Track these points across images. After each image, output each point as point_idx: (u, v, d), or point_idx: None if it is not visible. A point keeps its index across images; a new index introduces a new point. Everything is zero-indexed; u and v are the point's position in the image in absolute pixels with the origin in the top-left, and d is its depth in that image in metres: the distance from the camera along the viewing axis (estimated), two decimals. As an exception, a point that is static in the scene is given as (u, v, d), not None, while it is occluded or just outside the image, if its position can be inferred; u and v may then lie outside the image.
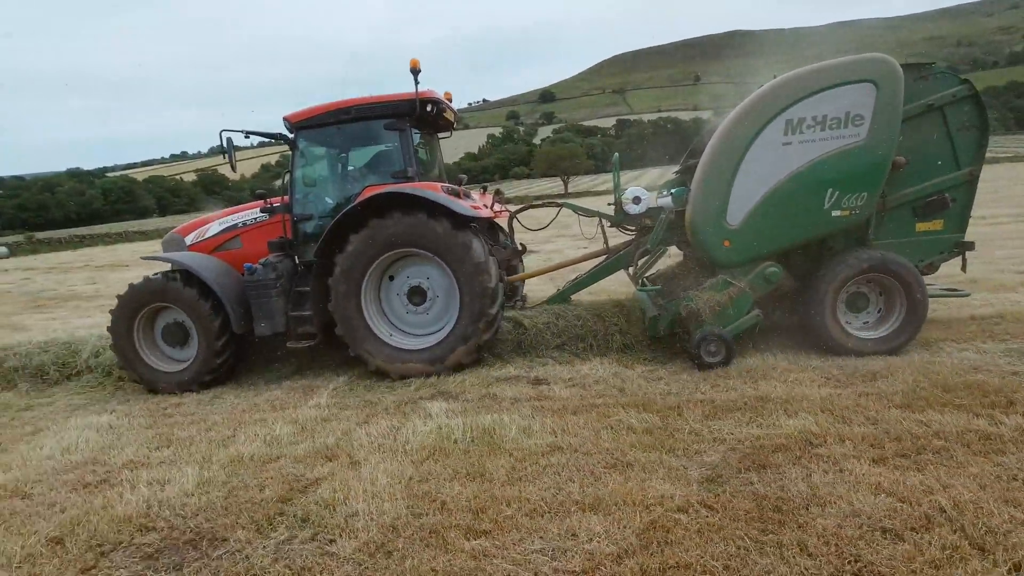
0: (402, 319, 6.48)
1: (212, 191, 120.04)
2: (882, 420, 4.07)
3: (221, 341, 6.26)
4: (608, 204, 6.96)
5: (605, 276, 7.12)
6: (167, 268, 6.80)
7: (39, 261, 38.40)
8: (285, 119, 6.58)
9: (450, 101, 6.86)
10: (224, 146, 6.10)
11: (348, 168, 6.95)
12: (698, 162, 5.89)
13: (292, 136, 6.58)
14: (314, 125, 6.48)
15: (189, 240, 7.00)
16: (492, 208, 7.11)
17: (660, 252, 7.21)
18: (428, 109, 6.30)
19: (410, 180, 6.23)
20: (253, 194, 7.19)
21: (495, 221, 7.44)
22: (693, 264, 6.92)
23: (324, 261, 6.22)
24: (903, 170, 5.58)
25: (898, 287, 5.64)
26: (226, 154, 6.18)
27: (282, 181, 6.82)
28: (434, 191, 5.96)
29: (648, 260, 7.21)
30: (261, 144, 6.90)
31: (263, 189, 6.98)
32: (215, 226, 7.01)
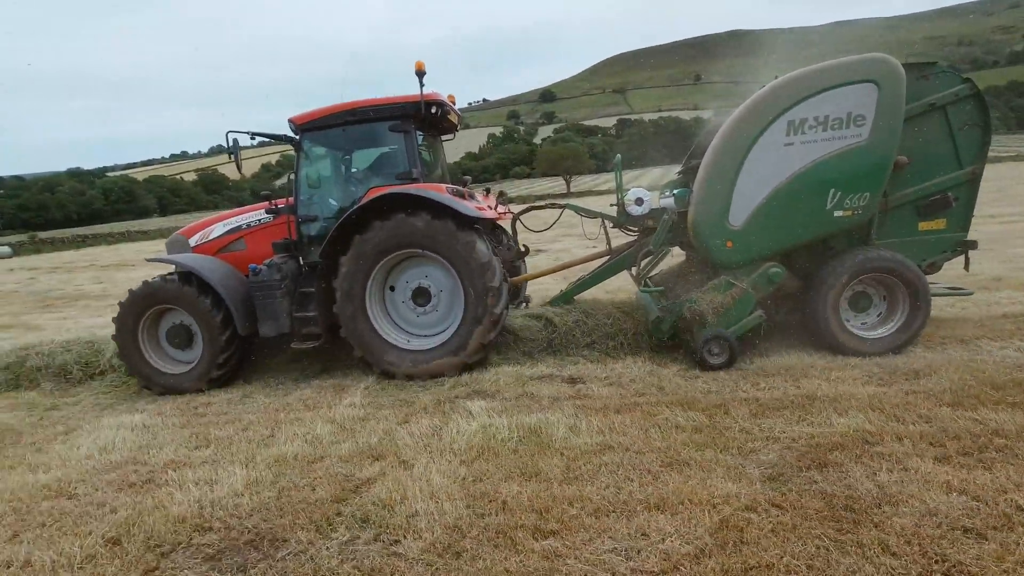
0: (409, 321, 6.49)
1: (213, 191, 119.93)
2: (936, 418, 4.03)
3: (225, 342, 6.25)
4: (611, 205, 6.98)
5: (608, 277, 7.15)
6: (171, 269, 6.81)
7: (43, 261, 38.35)
8: (290, 121, 6.58)
9: (454, 103, 6.88)
10: (230, 147, 6.12)
11: (352, 170, 6.95)
12: (700, 163, 5.89)
13: (297, 138, 6.58)
14: (319, 127, 6.47)
15: (193, 242, 7.00)
16: (496, 209, 7.11)
17: (663, 253, 7.23)
18: (433, 111, 6.30)
19: (414, 181, 6.23)
20: (258, 195, 7.19)
21: (498, 223, 7.45)
22: (696, 265, 6.89)
23: (329, 262, 6.23)
24: (905, 169, 5.56)
25: (900, 287, 5.62)
26: (232, 155, 6.20)
27: (288, 180, 6.83)
28: (439, 192, 5.97)
29: (651, 261, 7.23)
30: (261, 144, 6.87)
31: (268, 190, 6.95)
32: (219, 228, 7.02)
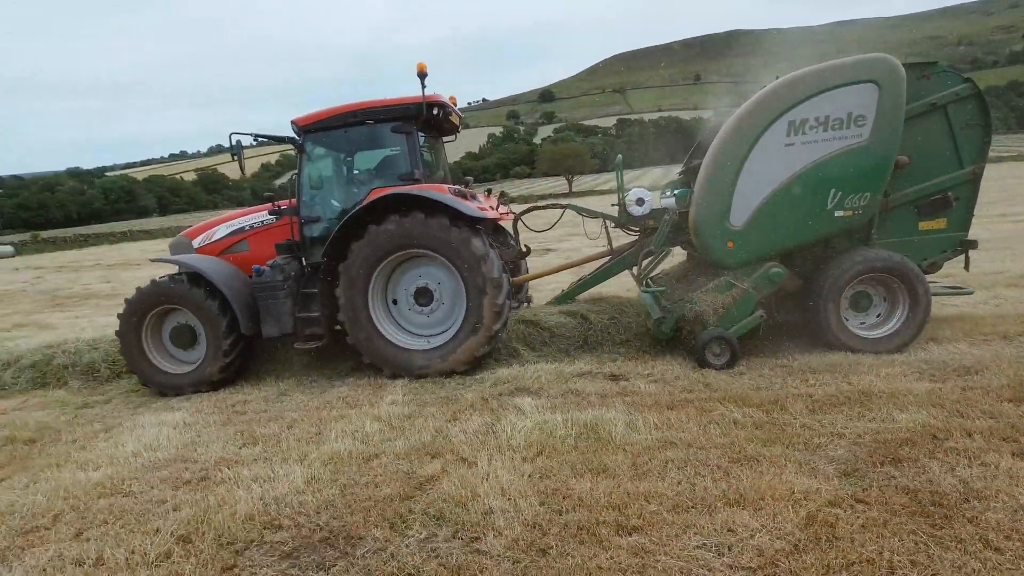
0: (412, 322, 6.50)
1: (213, 190, 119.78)
2: (1000, 414, 3.99)
3: (229, 342, 6.27)
4: (612, 205, 6.98)
5: (610, 277, 7.20)
6: (174, 270, 6.80)
7: (46, 260, 38.27)
8: (293, 123, 6.62)
9: (455, 104, 6.91)
10: (233, 148, 6.19)
11: (355, 171, 6.98)
12: (701, 163, 5.89)
13: (299, 139, 6.61)
14: (321, 128, 6.50)
15: (197, 243, 7.04)
16: (497, 210, 7.13)
17: (664, 253, 7.28)
18: (435, 113, 6.33)
19: (417, 182, 6.25)
20: (258, 195, 7.22)
21: (499, 223, 7.47)
22: (697, 265, 6.89)
23: (332, 263, 6.25)
24: (906, 169, 5.55)
25: (901, 286, 5.62)
26: (235, 155, 6.26)
27: (288, 179, 6.89)
28: (441, 192, 6.00)
29: (652, 261, 7.28)
30: (261, 143, 6.91)
31: (270, 191, 7.00)
32: (222, 229, 7.07)
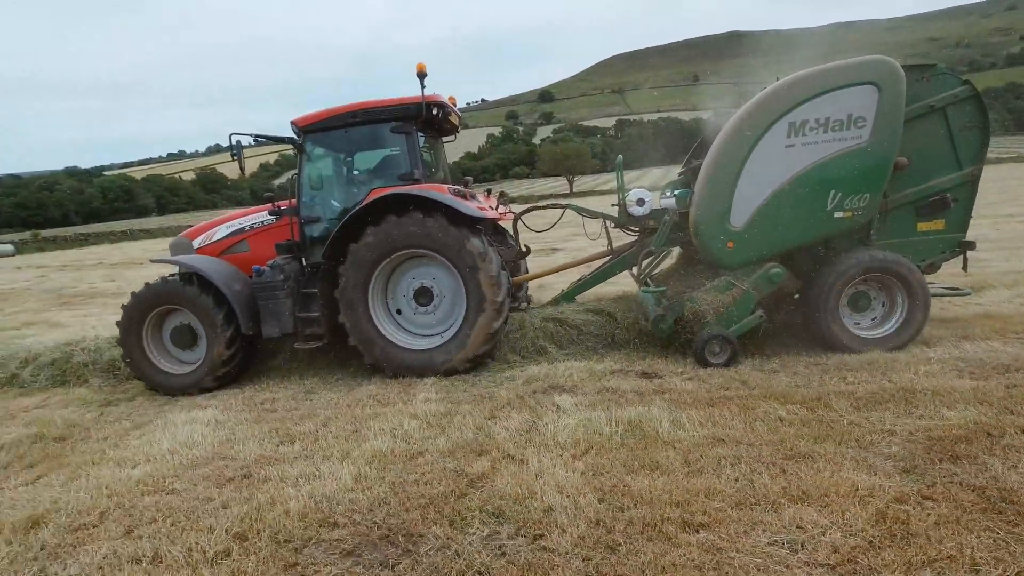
0: (412, 322, 6.50)
1: (211, 190, 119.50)
2: (1051, 411, 3.97)
3: (229, 342, 6.24)
4: (612, 205, 6.97)
5: (609, 276, 7.20)
6: (174, 271, 6.76)
7: (48, 259, 38.11)
8: (293, 123, 6.60)
9: (454, 105, 6.90)
10: (234, 148, 6.20)
11: (355, 171, 6.97)
12: (701, 164, 5.90)
13: (299, 140, 6.59)
14: (321, 129, 6.48)
15: (197, 243, 7.02)
16: (496, 210, 7.12)
17: (664, 253, 7.26)
18: (434, 113, 6.32)
19: (416, 182, 6.24)
20: (257, 194, 7.21)
21: (498, 223, 7.47)
22: (696, 265, 6.90)
23: (332, 263, 6.24)
24: (905, 171, 5.57)
25: (899, 287, 5.64)
26: (235, 156, 6.27)
27: (287, 179, 6.89)
28: (440, 192, 6.00)
29: (652, 261, 7.27)
30: (259, 144, 6.90)
31: (270, 192, 6.99)
32: (222, 229, 7.06)
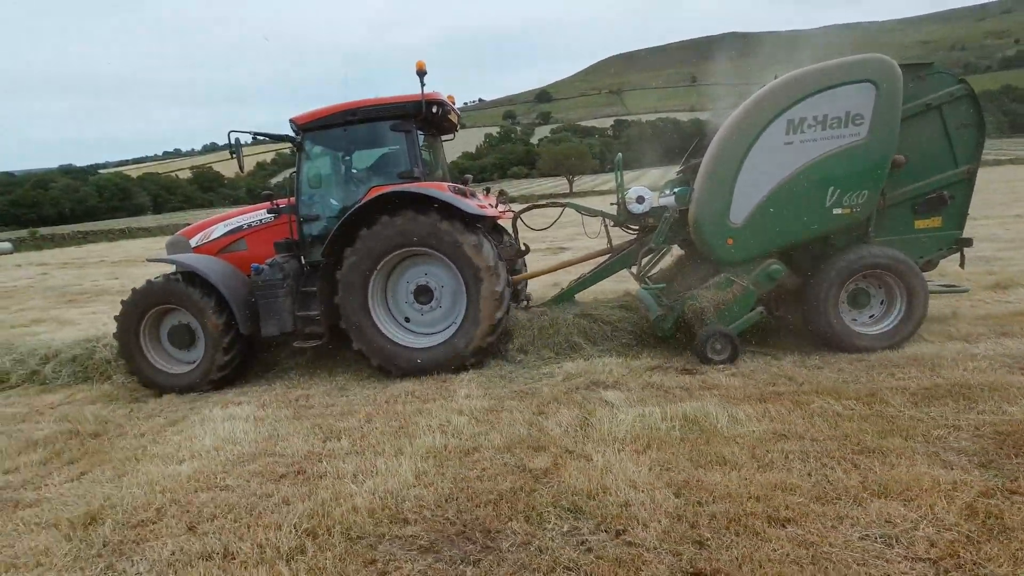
0: (411, 319, 6.48)
1: (208, 188, 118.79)
2: (1115, 407, 3.95)
3: (228, 342, 6.19)
4: (611, 204, 6.99)
5: (609, 275, 7.23)
6: (172, 269, 6.70)
7: (47, 257, 37.77)
8: (291, 121, 6.55)
9: (453, 103, 6.88)
10: (233, 146, 6.16)
11: (354, 169, 6.93)
12: (700, 162, 5.94)
13: (298, 138, 6.55)
14: (320, 127, 6.44)
15: (194, 242, 6.96)
16: (496, 208, 7.11)
17: (664, 251, 7.27)
18: (434, 111, 6.30)
19: (416, 180, 6.21)
20: (254, 193, 7.13)
21: (498, 222, 7.45)
22: (696, 262, 6.91)
23: (331, 261, 6.21)
24: (902, 168, 5.60)
25: (898, 283, 5.67)
26: (235, 154, 6.24)
27: (284, 178, 6.83)
28: (441, 190, 5.94)
29: (652, 259, 7.28)
30: (256, 142, 6.84)
31: (269, 190, 6.95)
32: (220, 228, 7.00)
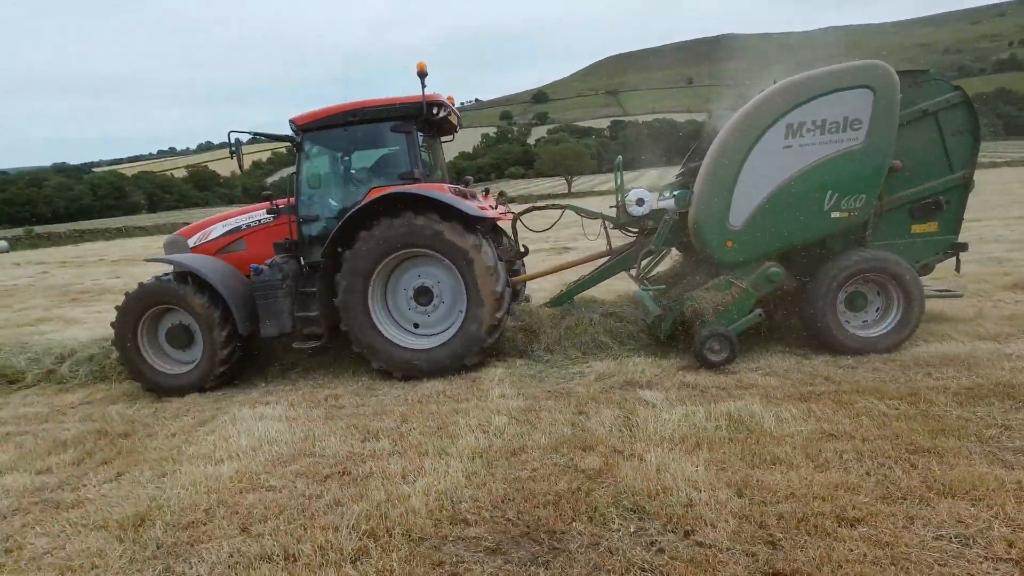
0: (411, 320, 6.46)
1: (204, 187, 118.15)
2: None
3: (226, 342, 6.16)
4: (610, 207, 7.01)
5: (608, 276, 7.27)
6: (170, 269, 6.65)
7: (45, 255, 37.48)
8: (291, 121, 6.55)
9: (453, 104, 6.88)
10: (232, 146, 6.20)
11: (353, 170, 6.92)
12: (700, 165, 5.97)
13: (298, 138, 6.54)
14: (320, 127, 6.44)
15: (192, 242, 6.92)
16: (496, 209, 7.10)
17: (663, 253, 7.30)
18: (434, 112, 6.31)
19: (416, 181, 6.21)
20: (250, 192, 7.07)
21: (496, 223, 7.44)
22: (694, 265, 6.95)
23: (331, 262, 6.20)
24: (899, 173, 5.66)
25: (895, 286, 5.72)
26: (234, 154, 6.25)
27: (280, 177, 6.79)
28: (441, 192, 5.97)
29: (651, 260, 7.32)
30: (252, 141, 6.91)
31: (268, 190, 6.93)
32: (219, 228, 6.97)
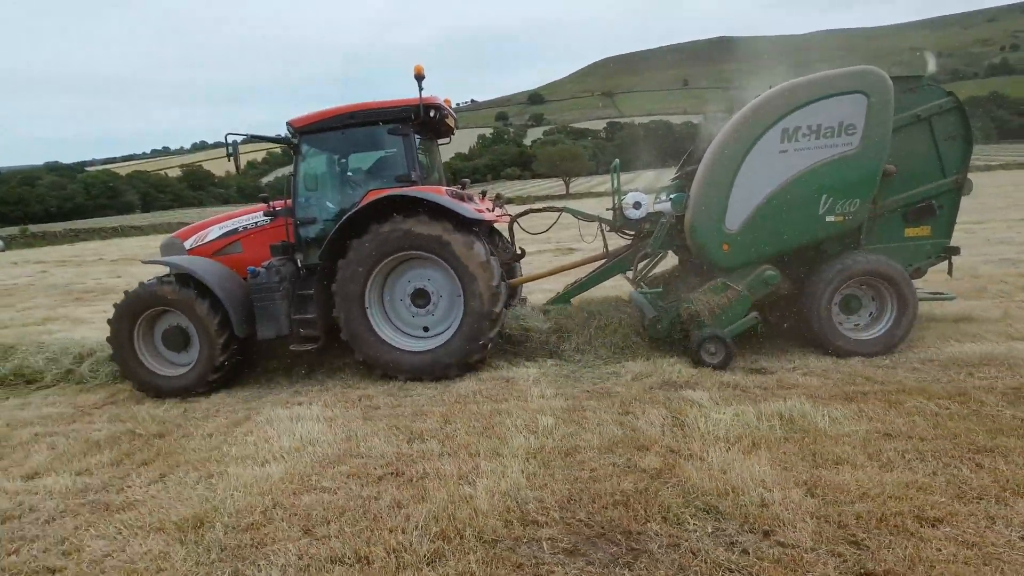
0: (409, 323, 6.45)
1: (198, 187, 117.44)
2: None
3: (223, 345, 6.13)
4: (607, 209, 7.04)
5: (605, 279, 7.30)
6: (166, 271, 6.60)
7: (42, 255, 37.11)
8: (289, 123, 6.54)
9: (449, 107, 6.89)
10: (229, 147, 6.19)
11: (350, 172, 6.91)
12: (696, 168, 6.01)
13: (295, 140, 6.52)
14: (317, 130, 6.43)
15: (189, 244, 6.89)
16: (493, 212, 7.10)
17: (659, 256, 7.35)
18: (431, 115, 6.31)
19: (413, 184, 6.21)
20: (247, 194, 7.00)
21: (493, 225, 7.45)
22: (690, 268, 6.98)
23: (328, 264, 6.20)
24: (892, 178, 5.71)
25: (889, 290, 5.77)
26: (231, 155, 6.25)
27: (287, 179, 6.79)
28: (438, 194, 5.97)
29: (648, 263, 7.37)
30: (247, 141, 6.83)
31: (265, 192, 6.92)
32: (215, 230, 6.95)
